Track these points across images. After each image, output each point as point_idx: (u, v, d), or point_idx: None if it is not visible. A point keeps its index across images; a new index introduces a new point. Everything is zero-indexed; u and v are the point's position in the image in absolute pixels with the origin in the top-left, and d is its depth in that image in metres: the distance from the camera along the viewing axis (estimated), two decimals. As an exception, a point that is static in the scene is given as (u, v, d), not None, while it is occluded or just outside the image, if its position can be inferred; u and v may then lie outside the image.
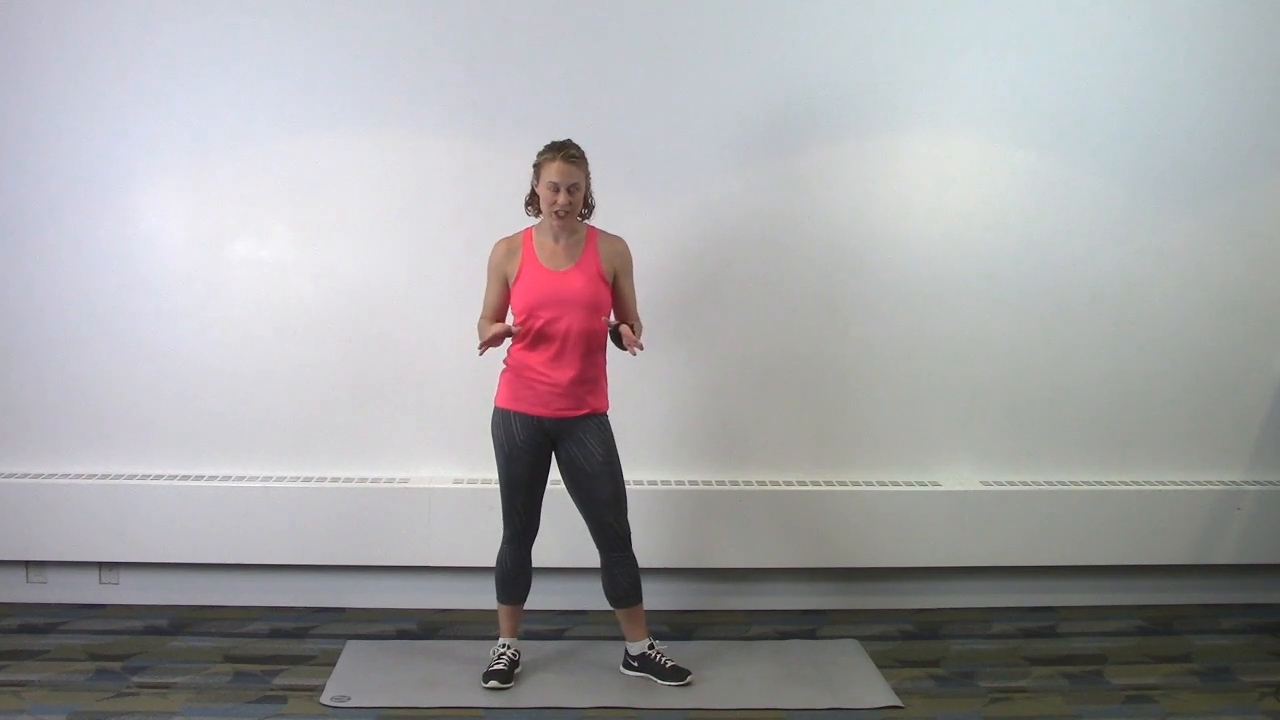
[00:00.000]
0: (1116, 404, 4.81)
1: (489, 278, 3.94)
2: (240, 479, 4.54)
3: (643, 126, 4.52)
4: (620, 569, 3.99)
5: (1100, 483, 4.77)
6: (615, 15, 4.49)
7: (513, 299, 3.88)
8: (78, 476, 4.50)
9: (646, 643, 4.08)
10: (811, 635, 4.52)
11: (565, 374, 3.83)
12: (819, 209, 4.62)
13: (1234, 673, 4.23)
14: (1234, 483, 4.82)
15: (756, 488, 4.64)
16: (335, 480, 4.56)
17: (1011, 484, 4.74)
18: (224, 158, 4.47)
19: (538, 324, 3.81)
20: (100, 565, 4.59)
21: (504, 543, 4.02)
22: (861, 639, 4.46)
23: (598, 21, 4.48)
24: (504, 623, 4.08)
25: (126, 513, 4.46)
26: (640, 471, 4.56)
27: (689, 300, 4.63)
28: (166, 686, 3.92)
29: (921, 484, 4.71)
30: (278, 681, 4.00)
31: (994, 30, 4.58)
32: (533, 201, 3.90)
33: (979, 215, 4.67)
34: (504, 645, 4.06)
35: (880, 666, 4.21)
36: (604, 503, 3.92)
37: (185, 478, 4.53)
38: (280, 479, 4.54)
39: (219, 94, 4.42)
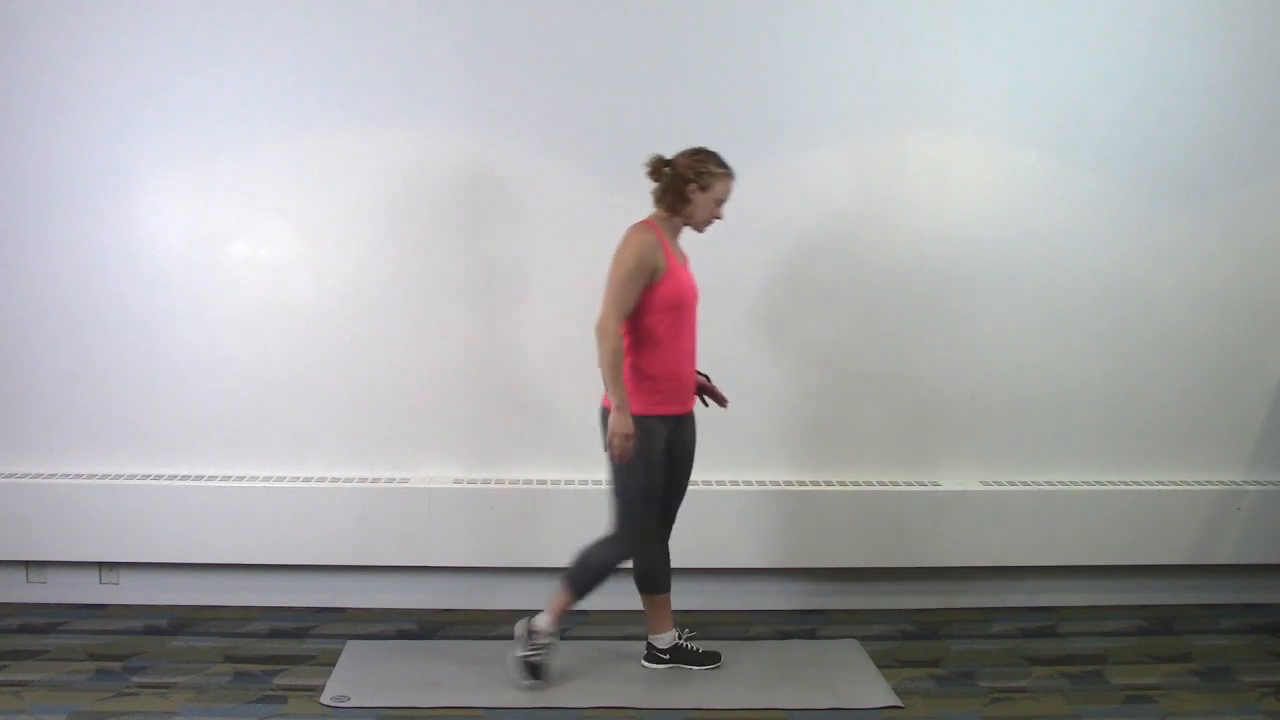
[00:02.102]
0: (1116, 404, 4.81)
1: (636, 271, 3.69)
2: (240, 479, 4.54)
3: (643, 127, 4.51)
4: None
5: (1100, 483, 4.77)
6: (616, 15, 4.49)
7: (657, 295, 3.75)
8: (78, 476, 4.50)
9: (680, 632, 4.16)
10: (811, 635, 4.52)
11: (694, 367, 3.94)
12: (819, 208, 4.63)
13: (1234, 673, 4.23)
14: (1234, 483, 4.82)
15: (757, 488, 4.64)
16: (335, 480, 4.56)
17: (1012, 484, 4.74)
18: (224, 158, 4.47)
19: (685, 321, 3.83)
20: (100, 565, 4.59)
21: (643, 543, 3.93)
22: (861, 639, 4.46)
23: (599, 21, 4.48)
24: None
25: (126, 513, 4.46)
26: (640, 471, 4.56)
27: (689, 300, 4.62)
28: (166, 686, 3.92)
29: (921, 484, 4.71)
30: (278, 681, 4.00)
31: (994, 30, 4.58)
32: (669, 199, 3.80)
33: (979, 215, 4.67)
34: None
35: (880, 666, 4.20)
36: (684, 490, 4.04)
37: (185, 478, 4.53)
38: (280, 479, 4.54)
39: (219, 94, 4.43)
